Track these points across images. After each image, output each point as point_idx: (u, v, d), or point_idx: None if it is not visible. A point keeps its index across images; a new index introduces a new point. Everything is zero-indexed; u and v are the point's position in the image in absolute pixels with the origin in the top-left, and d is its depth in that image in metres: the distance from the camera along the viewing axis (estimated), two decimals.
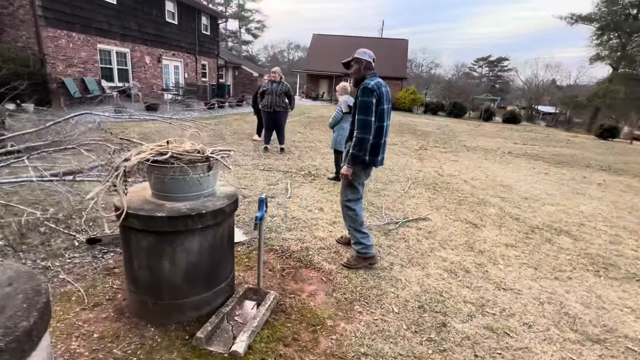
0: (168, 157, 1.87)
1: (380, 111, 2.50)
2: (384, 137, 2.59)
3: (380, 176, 5.72)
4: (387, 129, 2.61)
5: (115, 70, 13.24)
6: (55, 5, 10.33)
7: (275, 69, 6.65)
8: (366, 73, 2.61)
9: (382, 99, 2.49)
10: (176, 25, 16.33)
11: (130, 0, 13.24)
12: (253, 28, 54.01)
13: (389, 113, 2.61)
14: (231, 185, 2.30)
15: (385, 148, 2.68)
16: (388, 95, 2.58)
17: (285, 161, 6.27)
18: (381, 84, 2.53)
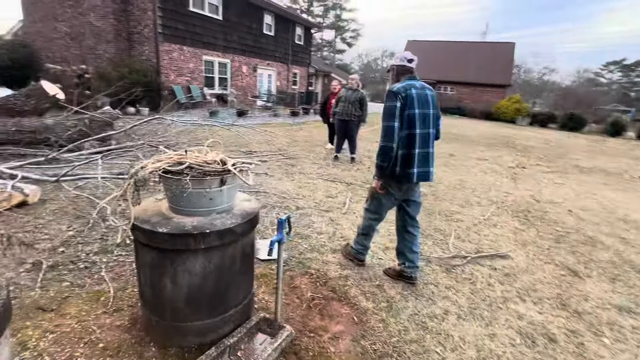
0: (185, 167, 1.76)
1: (409, 117, 2.24)
2: (417, 148, 2.27)
3: (456, 196, 5.00)
4: (424, 138, 2.30)
5: (217, 79, 14.67)
6: (171, 23, 11.90)
7: (353, 76, 6.42)
8: (400, 78, 2.38)
9: (410, 103, 2.23)
10: (272, 36, 17.41)
11: (233, 16, 14.57)
12: (348, 37, 55.02)
13: (427, 119, 2.30)
14: (256, 200, 2.10)
15: (427, 160, 2.36)
16: (424, 99, 2.29)
17: (352, 172, 5.96)
18: (412, 86, 2.27)
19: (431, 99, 2.34)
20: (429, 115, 2.31)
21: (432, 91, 2.40)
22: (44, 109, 5.71)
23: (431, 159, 2.38)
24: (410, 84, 2.28)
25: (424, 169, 2.33)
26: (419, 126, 2.26)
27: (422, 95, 2.29)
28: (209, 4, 13.31)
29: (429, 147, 2.35)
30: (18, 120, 5.32)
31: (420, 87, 2.32)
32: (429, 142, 2.33)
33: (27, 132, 5.32)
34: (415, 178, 2.30)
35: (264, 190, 4.49)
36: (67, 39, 13.12)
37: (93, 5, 11.94)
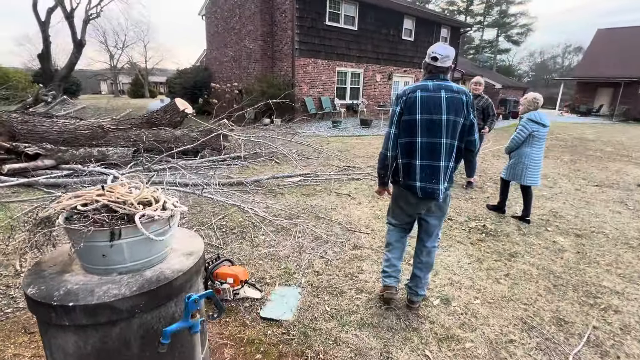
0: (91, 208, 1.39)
1: (409, 123, 1.99)
2: (419, 159, 2.00)
3: (621, 259, 3.15)
4: (431, 149, 1.98)
5: (348, 89, 14.76)
6: (307, 39, 12.57)
7: (477, 79, 5.04)
8: (425, 76, 2.05)
9: (411, 107, 1.98)
10: (411, 42, 16.40)
11: (370, 25, 14.37)
12: (514, 34, 47.59)
13: (436, 127, 1.95)
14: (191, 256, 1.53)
15: (435, 175, 2.00)
16: (434, 103, 1.94)
17: (461, 202, 4.64)
18: (421, 87, 1.98)
19: (448, 103, 1.94)
20: (441, 123, 1.95)
21: (459, 94, 1.96)
22: (177, 122, 6.70)
23: (443, 174, 2.00)
24: (421, 86, 1.98)
25: (430, 185, 2.00)
26: (423, 134, 1.97)
27: (432, 99, 1.94)
28: (345, 16, 13.49)
29: (439, 160, 1.98)
30: (157, 132, 6.38)
31: (435, 88, 1.96)
32: (438, 154, 1.98)
33: (161, 141, 6.32)
34: (419, 192, 2.03)
35: (328, 217, 3.88)
36: (232, 62, 15.67)
37: (248, 31, 13.82)
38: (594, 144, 10.57)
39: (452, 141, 1.98)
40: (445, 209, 2.19)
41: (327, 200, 4.52)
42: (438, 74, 2.02)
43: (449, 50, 1.99)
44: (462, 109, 1.96)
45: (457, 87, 2.01)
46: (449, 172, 2.05)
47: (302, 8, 12.13)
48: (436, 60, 1.98)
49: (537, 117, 3.96)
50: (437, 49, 2.00)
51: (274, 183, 5.18)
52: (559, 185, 5.66)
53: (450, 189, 2.17)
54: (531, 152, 4.03)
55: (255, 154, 6.95)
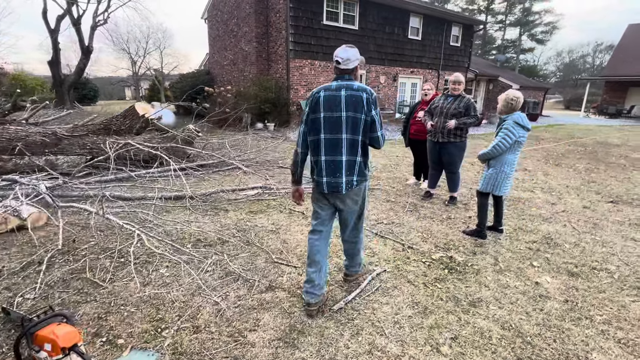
0: None
1: (314, 121, 2.10)
2: (323, 154, 2.10)
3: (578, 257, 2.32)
4: (333, 144, 2.07)
5: None
6: (303, 39, 11.97)
7: (454, 77, 4.23)
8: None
9: (315, 106, 2.09)
10: (419, 41, 15.51)
11: (372, 24, 13.62)
12: (539, 33, 45.37)
13: (338, 124, 2.05)
14: None
15: (338, 170, 2.10)
16: (334, 102, 2.05)
17: (436, 223, 3.86)
18: (326, 88, 2.09)
19: (347, 100, 2.04)
20: (341, 120, 2.05)
21: (358, 92, 2.04)
22: (140, 128, 6.23)
23: (344, 169, 2.10)
24: (325, 86, 2.11)
25: (334, 179, 2.11)
26: (326, 131, 2.08)
27: (333, 98, 2.06)
28: (344, 15, 12.82)
29: (341, 155, 2.09)
30: (115, 139, 5.91)
31: (336, 88, 2.07)
32: (340, 149, 2.08)
33: (120, 149, 5.84)
34: (325, 187, 2.14)
35: (260, 244, 3.21)
36: (231, 65, 15.30)
37: (244, 33, 13.39)
38: (619, 150, 9.38)
39: (353, 136, 2.08)
40: (359, 202, 2.25)
41: (274, 220, 3.86)
42: (343, 75, 2.12)
43: (350, 53, 2.08)
44: (361, 106, 2.04)
45: (358, 86, 2.07)
46: (356, 167, 2.12)
47: (297, 7, 11.55)
48: (339, 64, 2.09)
49: (522, 120, 3.21)
50: (339, 53, 2.09)
51: (226, 197, 4.57)
52: (564, 201, 4.75)
53: (365, 184, 2.21)
54: (513, 160, 3.32)
55: (222, 162, 6.38)
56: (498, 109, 3.35)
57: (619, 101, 22.72)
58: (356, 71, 2.14)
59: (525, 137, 3.25)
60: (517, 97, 3.24)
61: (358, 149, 2.09)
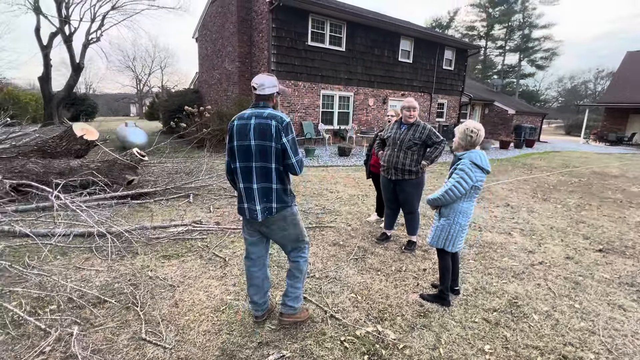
0: None
1: (230, 149, 2.16)
2: (240, 182, 2.17)
3: None
4: (246, 172, 2.12)
5: (336, 114, 13.58)
6: (286, 59, 11.61)
7: (407, 101, 3.62)
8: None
9: (231, 135, 2.14)
10: (410, 64, 15.18)
11: (360, 46, 13.31)
12: (538, 59, 45.51)
13: (248, 152, 2.08)
14: None
15: (252, 197, 2.14)
16: (244, 130, 2.08)
17: (381, 278, 3.17)
18: (239, 116, 2.14)
19: (255, 128, 2.05)
20: (250, 148, 2.08)
21: (267, 119, 2.04)
22: (79, 149, 5.68)
23: (258, 196, 2.13)
24: (240, 115, 2.15)
25: (252, 206, 2.15)
26: (239, 159, 2.13)
27: (244, 126, 2.09)
28: (330, 37, 12.51)
29: (253, 182, 2.12)
30: (49, 162, 5.36)
31: (248, 116, 2.10)
32: (252, 177, 2.12)
33: (54, 173, 5.27)
34: (246, 213, 2.18)
35: (140, 309, 2.53)
36: (218, 84, 14.99)
37: (228, 52, 13.10)
38: (616, 182, 8.69)
39: (263, 164, 2.08)
40: (287, 228, 2.24)
41: (185, 269, 3.19)
42: (259, 102, 2.13)
43: (265, 79, 2.11)
44: (269, 134, 2.03)
45: (268, 113, 2.07)
46: (272, 194, 2.13)
47: (280, 27, 11.25)
48: (255, 89, 2.12)
49: (481, 160, 2.58)
50: (256, 79, 2.12)
51: (149, 234, 3.92)
52: (543, 249, 4.05)
53: (289, 209, 2.20)
54: (469, 208, 2.68)
55: (177, 187, 5.77)
56: (454, 143, 2.72)
57: (620, 128, 22.15)
58: (273, 99, 2.16)
59: (483, 181, 2.61)
60: (477, 129, 2.61)
61: (272, 176, 2.10)
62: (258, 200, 2.11)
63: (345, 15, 12.44)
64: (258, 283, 2.35)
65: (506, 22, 44.30)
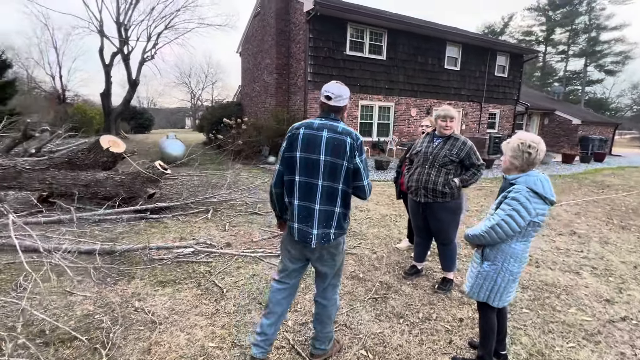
0: None
1: (290, 160, 1.88)
2: (297, 198, 1.87)
3: None
4: (307, 189, 1.84)
5: (375, 125, 12.98)
6: (323, 70, 11.31)
7: (443, 109, 2.99)
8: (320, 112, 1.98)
9: (292, 144, 1.87)
10: (457, 71, 14.18)
11: (402, 54, 12.67)
12: (608, 63, 41.10)
13: (315, 167, 1.82)
14: None
15: (310, 218, 1.86)
16: (313, 142, 1.82)
17: (408, 335, 2.54)
18: (306, 125, 1.87)
19: (328, 143, 1.82)
20: (319, 163, 1.82)
21: (342, 135, 1.83)
22: (106, 162, 5.70)
23: (317, 219, 1.85)
24: (307, 123, 1.90)
25: (305, 227, 1.87)
26: (301, 173, 1.85)
27: (312, 137, 1.83)
28: (370, 45, 12.03)
29: (314, 202, 1.84)
30: (77, 174, 5.42)
31: (318, 127, 1.86)
32: (314, 196, 1.84)
33: (81, 185, 5.31)
34: (296, 234, 1.90)
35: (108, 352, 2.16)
36: (257, 97, 15.14)
37: (266, 64, 13.14)
38: None
39: (330, 184, 1.85)
40: (337, 257, 1.99)
41: (177, 299, 2.82)
42: (329, 113, 1.92)
43: (343, 90, 1.91)
44: (343, 152, 1.82)
45: (343, 128, 1.86)
46: (334, 218, 1.88)
47: (317, 37, 11.01)
48: (329, 99, 1.89)
49: (543, 186, 1.92)
50: (331, 88, 1.91)
51: (152, 254, 3.65)
52: (626, 297, 3.12)
53: (344, 237, 1.98)
54: (524, 251, 2.02)
55: (197, 202, 5.56)
56: (504, 162, 2.06)
57: None
58: (344, 111, 1.96)
59: (545, 216, 1.93)
60: (536, 143, 1.94)
61: (337, 198, 1.86)
62: (316, 224, 1.86)
63: (387, 23, 11.91)
64: (279, 311, 2.05)
65: (569, 25, 40.73)
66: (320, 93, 1.95)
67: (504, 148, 2.04)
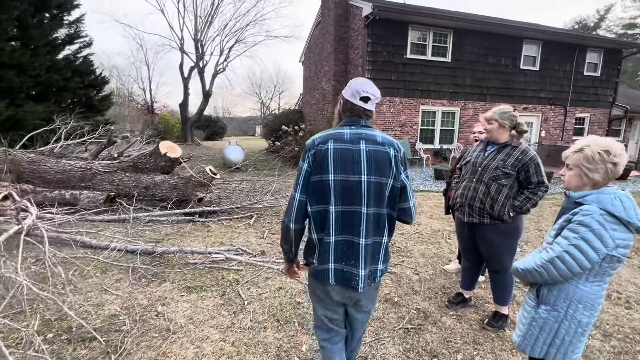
0: None
1: (319, 185, 1.44)
2: (333, 233, 1.46)
3: None
4: (348, 219, 1.45)
5: (437, 132, 12.15)
6: (381, 75, 10.94)
7: (496, 111, 2.49)
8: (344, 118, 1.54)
9: (322, 163, 1.43)
10: (536, 72, 12.67)
11: (471, 55, 11.71)
12: None
13: (355, 191, 1.43)
14: None
15: (353, 255, 1.47)
16: (351, 158, 1.43)
17: None
18: (335, 137, 1.45)
19: (370, 158, 1.44)
20: (360, 185, 1.43)
21: (384, 146, 1.46)
22: (165, 166, 6.07)
23: (364, 255, 1.47)
24: (334, 134, 1.45)
25: (349, 268, 1.48)
26: (338, 200, 1.44)
27: (347, 152, 1.43)
28: (433, 47, 11.33)
29: (359, 236, 1.46)
30: (139, 176, 5.87)
31: (352, 138, 1.45)
32: (358, 228, 1.45)
33: (141, 187, 5.75)
34: (331, 278, 1.49)
35: None
36: (316, 104, 15.28)
37: (325, 72, 13.17)
38: None
39: (377, 209, 1.47)
40: (375, 299, 1.70)
41: (199, 307, 2.77)
42: (359, 119, 1.49)
43: (376, 89, 1.51)
44: (388, 167, 1.46)
45: (383, 138, 1.48)
46: (381, 251, 1.52)
47: (375, 42, 10.70)
48: (367, 101, 1.48)
49: (624, 207, 1.45)
50: (368, 87, 1.48)
51: (187, 258, 3.71)
52: None
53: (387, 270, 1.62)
54: (596, 295, 1.54)
55: (243, 207, 5.65)
56: (571, 177, 1.57)
57: None
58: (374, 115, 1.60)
59: (630, 247, 1.44)
60: (621, 150, 1.47)
61: (384, 226, 1.51)
62: (363, 262, 1.48)
63: (453, 23, 11.13)
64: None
65: None
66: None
67: (568, 158, 1.57)
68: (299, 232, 1.54)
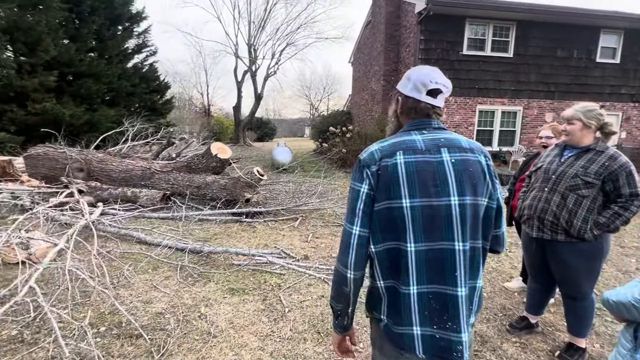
0: None
1: (389, 214, 1.02)
2: (415, 282, 1.01)
3: None
4: (437, 261, 1.01)
5: (496, 133, 11.27)
6: None
7: (577, 108, 2.14)
8: (403, 124, 1.15)
9: (391, 185, 1.01)
10: (616, 65, 11.22)
11: (536, 48, 10.71)
12: None
13: (445, 220, 1.00)
14: None
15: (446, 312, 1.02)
16: (433, 175, 1.01)
17: None
18: (404, 146, 1.05)
19: (459, 171, 1.03)
20: (450, 211, 1.01)
21: (473, 153, 1.07)
22: (216, 167, 6.27)
23: (465, 310, 1.02)
24: (403, 143, 1.06)
25: (444, 333, 1.01)
26: (418, 235, 1.00)
27: (427, 166, 1.02)
28: (493, 41, 10.52)
29: (455, 285, 1.01)
30: (192, 176, 6.12)
31: (429, 146, 1.05)
32: (452, 272, 1.01)
33: (194, 186, 6.00)
34: (418, 348, 1.02)
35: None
36: (365, 105, 15.02)
37: (374, 72, 12.86)
38: None
39: (474, 243, 1.04)
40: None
41: (238, 312, 2.74)
42: (430, 120, 1.11)
43: (446, 78, 1.13)
44: (483, 182, 1.05)
45: (469, 142, 1.09)
46: (475, 299, 1.07)
47: (429, 39, 10.19)
48: (436, 95, 1.10)
49: None
50: (437, 76, 1.11)
51: (232, 260, 3.75)
52: None
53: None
54: None
55: (288, 209, 5.64)
56: None
57: None
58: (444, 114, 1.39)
59: None
60: None
61: (479, 265, 1.09)
62: (464, 319, 1.04)
63: (516, 15, 10.24)
64: None
65: None
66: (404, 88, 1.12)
67: None
68: (358, 283, 1.09)
